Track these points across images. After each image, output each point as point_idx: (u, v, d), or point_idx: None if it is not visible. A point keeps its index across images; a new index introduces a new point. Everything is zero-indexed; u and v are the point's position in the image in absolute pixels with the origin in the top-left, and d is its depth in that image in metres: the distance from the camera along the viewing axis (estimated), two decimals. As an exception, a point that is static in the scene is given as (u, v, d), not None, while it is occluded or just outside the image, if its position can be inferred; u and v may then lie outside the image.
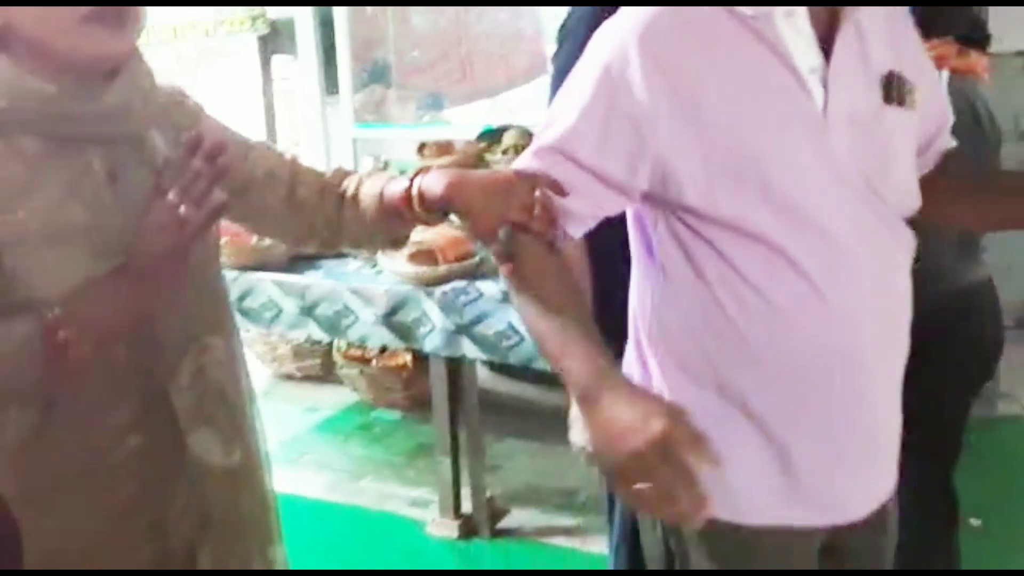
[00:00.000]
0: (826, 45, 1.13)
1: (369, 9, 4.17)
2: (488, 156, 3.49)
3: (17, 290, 1.01)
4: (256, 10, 4.38)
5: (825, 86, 1.12)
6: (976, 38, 2.06)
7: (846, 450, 1.20)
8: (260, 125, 4.62)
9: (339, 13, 4.16)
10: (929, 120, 1.28)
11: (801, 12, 1.11)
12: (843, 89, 1.13)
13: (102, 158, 1.08)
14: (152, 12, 1.13)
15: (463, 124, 4.01)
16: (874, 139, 1.16)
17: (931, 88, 1.28)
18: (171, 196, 1.03)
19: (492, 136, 3.57)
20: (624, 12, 1.16)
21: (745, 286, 1.14)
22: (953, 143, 1.35)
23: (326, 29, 4.27)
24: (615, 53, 1.12)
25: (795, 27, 1.11)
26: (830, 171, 1.13)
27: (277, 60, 4.61)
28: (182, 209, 1.02)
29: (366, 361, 3.74)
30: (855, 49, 1.15)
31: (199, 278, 1.17)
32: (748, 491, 1.19)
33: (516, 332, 2.53)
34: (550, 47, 2.40)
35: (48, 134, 1.04)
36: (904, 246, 1.22)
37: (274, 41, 4.52)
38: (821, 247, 1.12)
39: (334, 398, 3.92)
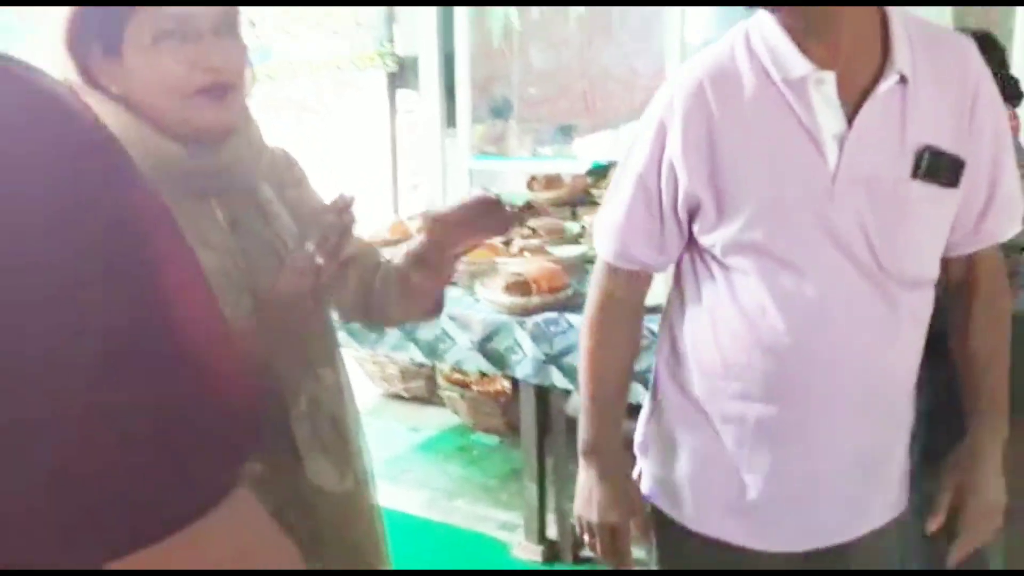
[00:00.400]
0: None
1: (495, 43, 4.34)
2: (594, 191, 3.57)
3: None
4: (384, 46, 4.61)
5: (842, 151, 1.17)
6: (1008, 96, 2.06)
7: (800, 492, 1.29)
8: (385, 156, 4.85)
9: (460, 50, 4.35)
10: (971, 203, 1.26)
11: (830, 79, 1.17)
12: (860, 156, 1.17)
13: (223, 208, 1.19)
14: (284, 48, 1.26)
15: (584, 157, 4.10)
16: (890, 209, 1.19)
17: (989, 171, 1.26)
18: (309, 246, 1.12)
19: (600, 171, 3.65)
20: (680, 69, 1.29)
21: (735, 317, 1.25)
22: (1009, 235, 1.32)
23: (448, 65, 4.46)
24: (664, 105, 1.26)
25: (823, 94, 1.18)
26: (826, 233, 1.19)
27: (402, 94, 4.83)
28: (318, 258, 1.13)
29: (466, 386, 3.86)
30: (887, 119, 1.18)
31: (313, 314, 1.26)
32: (705, 503, 1.34)
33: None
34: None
35: (176, 188, 1.12)
36: (906, 315, 1.25)
37: (401, 76, 4.74)
38: (800, 300, 1.20)
39: (437, 419, 4.06)
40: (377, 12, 4.53)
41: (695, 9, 3.89)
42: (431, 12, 4.41)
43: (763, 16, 1.22)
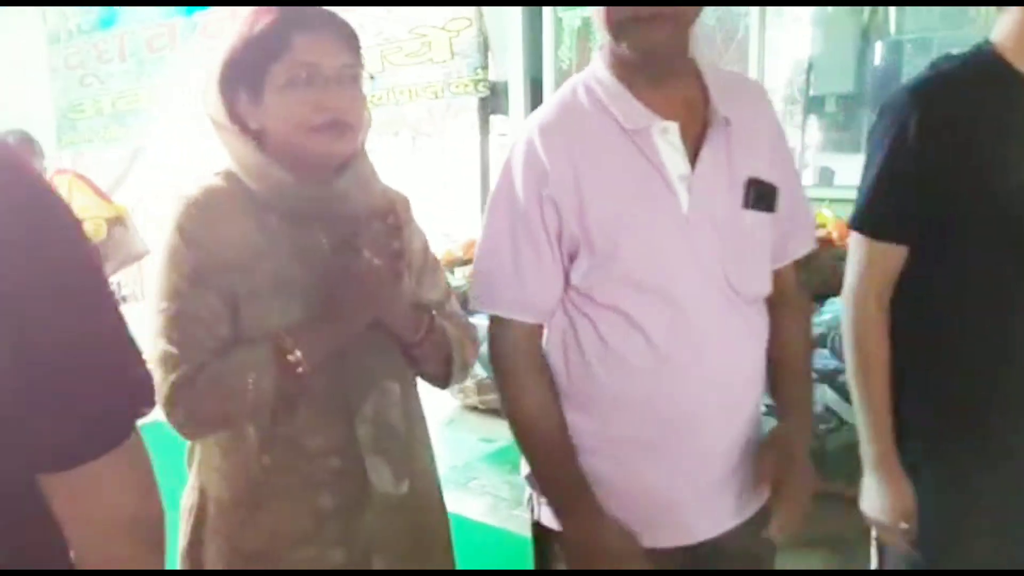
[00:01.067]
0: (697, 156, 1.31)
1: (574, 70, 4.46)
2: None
3: (246, 333, 1.27)
4: (478, 73, 4.81)
5: (690, 191, 1.29)
6: None
7: (683, 490, 1.38)
8: (476, 177, 5.04)
9: (548, 76, 4.49)
10: (782, 224, 1.40)
11: (673, 128, 1.31)
12: (704, 195, 1.30)
13: (327, 234, 1.33)
14: (386, 77, 1.43)
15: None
16: (732, 237, 1.32)
17: (790, 195, 1.40)
18: (365, 253, 1.27)
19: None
20: (528, 120, 1.40)
21: (605, 348, 1.34)
22: (808, 250, 1.47)
23: (536, 90, 4.61)
24: (525, 153, 1.35)
25: (668, 141, 1.31)
26: (691, 264, 1.30)
27: (495, 120, 5.02)
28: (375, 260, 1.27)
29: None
30: (719, 159, 1.32)
31: (381, 334, 1.37)
32: (619, 515, 1.38)
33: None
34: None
35: (286, 212, 1.31)
36: (755, 330, 1.40)
37: (493, 101, 4.93)
38: (678, 324, 1.31)
39: (508, 432, 4.14)
40: (471, 41, 4.73)
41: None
42: (518, 38, 4.58)
43: (599, 73, 1.35)
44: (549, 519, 1.45)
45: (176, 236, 1.26)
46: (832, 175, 4.65)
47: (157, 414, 1.01)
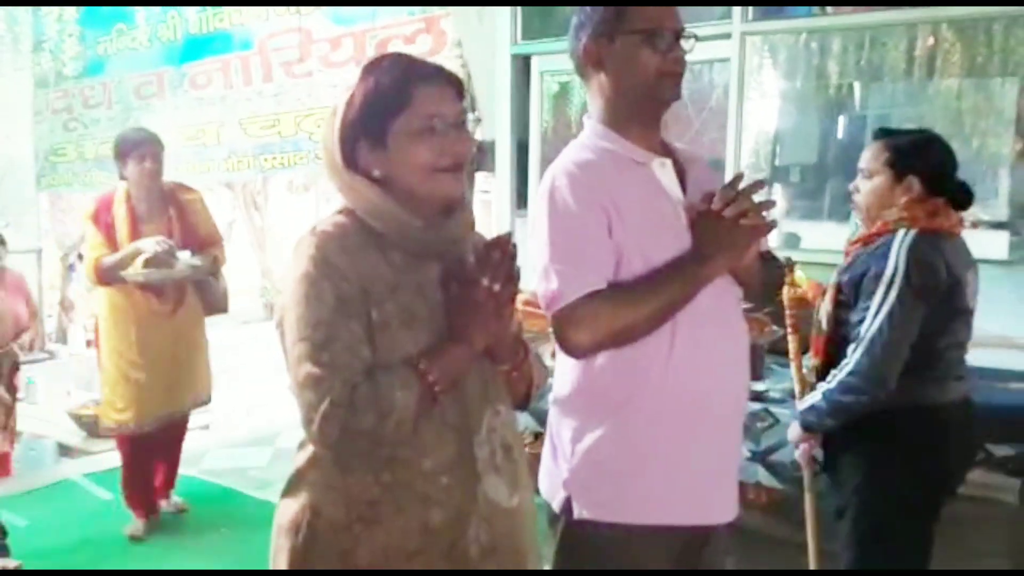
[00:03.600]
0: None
1: (574, 129, 4.65)
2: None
3: (379, 361, 1.36)
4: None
5: (686, 211, 1.65)
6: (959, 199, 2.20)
7: (701, 466, 1.66)
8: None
9: (534, 137, 4.68)
10: None
11: (668, 163, 1.68)
12: (690, 215, 1.65)
13: (438, 270, 1.45)
14: None
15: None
16: None
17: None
18: (484, 281, 1.40)
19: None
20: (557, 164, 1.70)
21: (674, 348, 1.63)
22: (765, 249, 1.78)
23: (522, 151, 4.79)
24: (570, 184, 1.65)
25: (667, 173, 1.68)
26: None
27: (480, 176, 5.18)
28: (494, 287, 1.40)
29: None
30: (697, 187, 1.68)
31: (487, 359, 1.50)
32: (634, 495, 1.63)
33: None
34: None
35: (409, 251, 1.43)
36: (739, 300, 1.75)
37: (479, 158, 5.09)
38: (689, 309, 1.59)
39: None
40: (459, 100, 4.90)
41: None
42: (506, 100, 4.78)
43: (597, 129, 1.69)
44: (596, 510, 1.65)
45: (314, 268, 1.36)
46: (798, 240, 4.88)
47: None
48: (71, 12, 6.75)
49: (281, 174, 7.23)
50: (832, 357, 2.20)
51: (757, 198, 1.60)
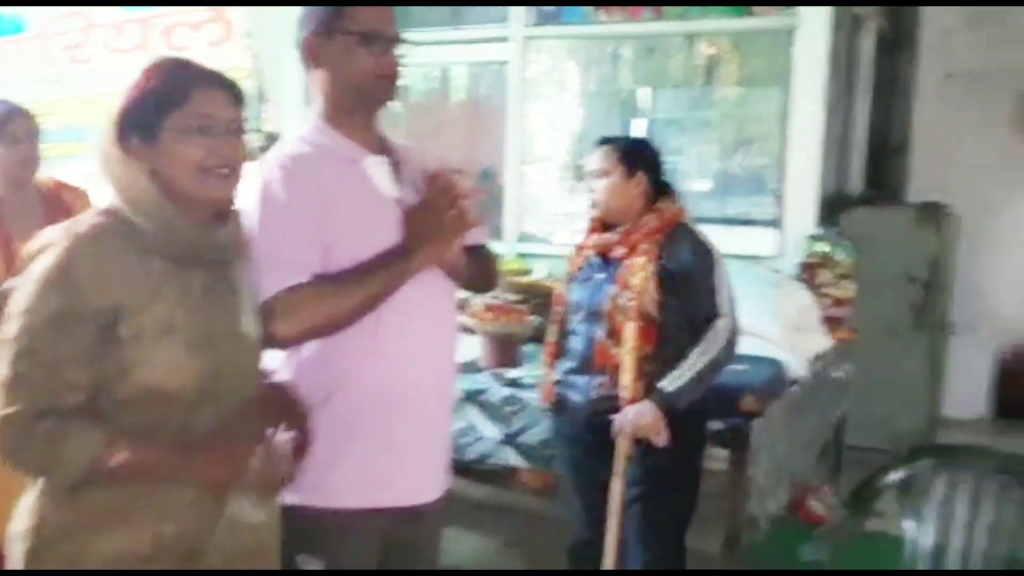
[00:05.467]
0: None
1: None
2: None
3: (130, 374, 1.36)
4: (255, 124, 4.88)
5: (399, 207, 1.71)
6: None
7: (404, 452, 1.75)
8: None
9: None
10: None
11: (383, 160, 1.74)
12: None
13: (200, 278, 1.45)
14: None
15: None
16: None
17: None
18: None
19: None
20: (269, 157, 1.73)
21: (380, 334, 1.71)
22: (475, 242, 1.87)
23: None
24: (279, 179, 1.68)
25: (380, 170, 1.73)
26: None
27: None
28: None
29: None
30: (413, 184, 1.75)
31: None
32: (337, 480, 1.70)
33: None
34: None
35: (172, 255, 1.42)
36: (451, 292, 1.84)
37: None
38: (395, 301, 1.66)
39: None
40: (248, 92, 4.80)
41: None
42: (297, 91, 4.71)
43: (314, 123, 1.74)
44: (303, 495, 1.68)
45: (50, 274, 1.34)
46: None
47: None
48: None
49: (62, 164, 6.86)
50: (659, 343, 2.40)
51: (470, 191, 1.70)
